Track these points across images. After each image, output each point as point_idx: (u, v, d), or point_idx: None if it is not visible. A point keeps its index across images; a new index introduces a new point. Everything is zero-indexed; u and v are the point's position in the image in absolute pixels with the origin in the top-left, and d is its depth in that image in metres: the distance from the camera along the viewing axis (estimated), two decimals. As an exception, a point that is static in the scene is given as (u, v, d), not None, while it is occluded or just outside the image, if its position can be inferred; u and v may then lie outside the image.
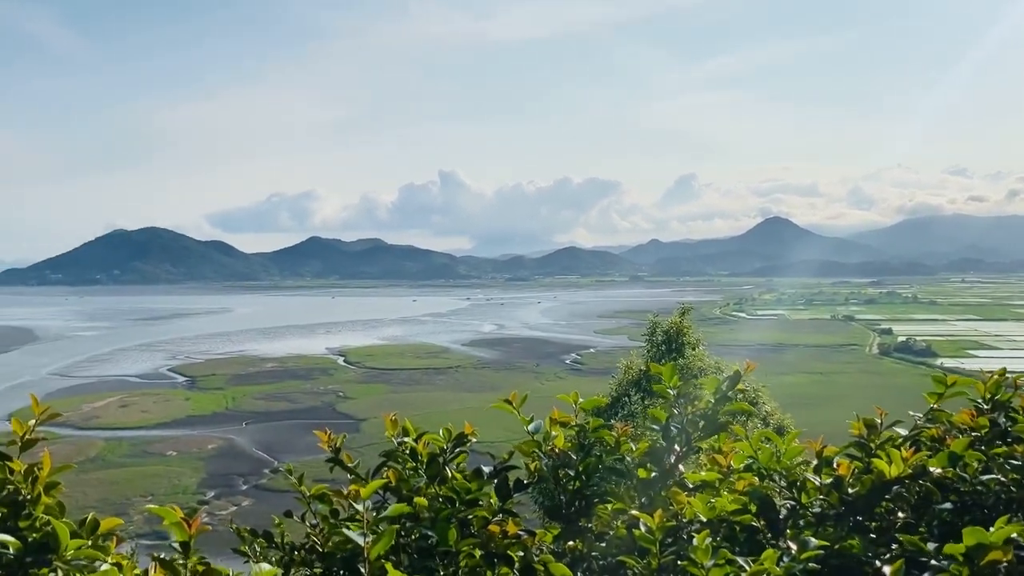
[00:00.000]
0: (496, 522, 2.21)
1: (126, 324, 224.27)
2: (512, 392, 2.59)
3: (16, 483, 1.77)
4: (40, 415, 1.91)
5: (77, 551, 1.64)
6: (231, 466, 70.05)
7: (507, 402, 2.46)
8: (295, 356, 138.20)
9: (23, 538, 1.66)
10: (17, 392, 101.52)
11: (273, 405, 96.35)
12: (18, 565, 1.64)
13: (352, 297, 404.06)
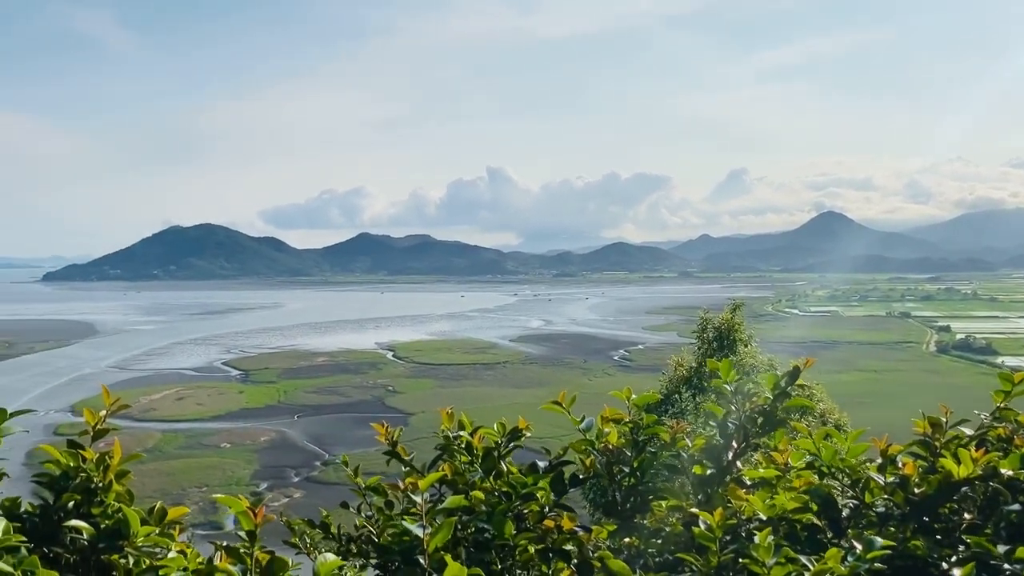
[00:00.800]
0: (551, 517, 2.21)
1: (182, 319, 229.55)
2: (561, 391, 2.59)
3: (88, 471, 1.83)
4: (111, 406, 1.96)
5: (146, 538, 1.68)
6: (283, 458, 71.27)
7: (556, 403, 2.46)
8: (345, 351, 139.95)
9: (96, 524, 1.72)
10: (79, 384, 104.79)
11: (324, 399, 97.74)
12: (91, 550, 1.69)
13: (401, 293, 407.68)
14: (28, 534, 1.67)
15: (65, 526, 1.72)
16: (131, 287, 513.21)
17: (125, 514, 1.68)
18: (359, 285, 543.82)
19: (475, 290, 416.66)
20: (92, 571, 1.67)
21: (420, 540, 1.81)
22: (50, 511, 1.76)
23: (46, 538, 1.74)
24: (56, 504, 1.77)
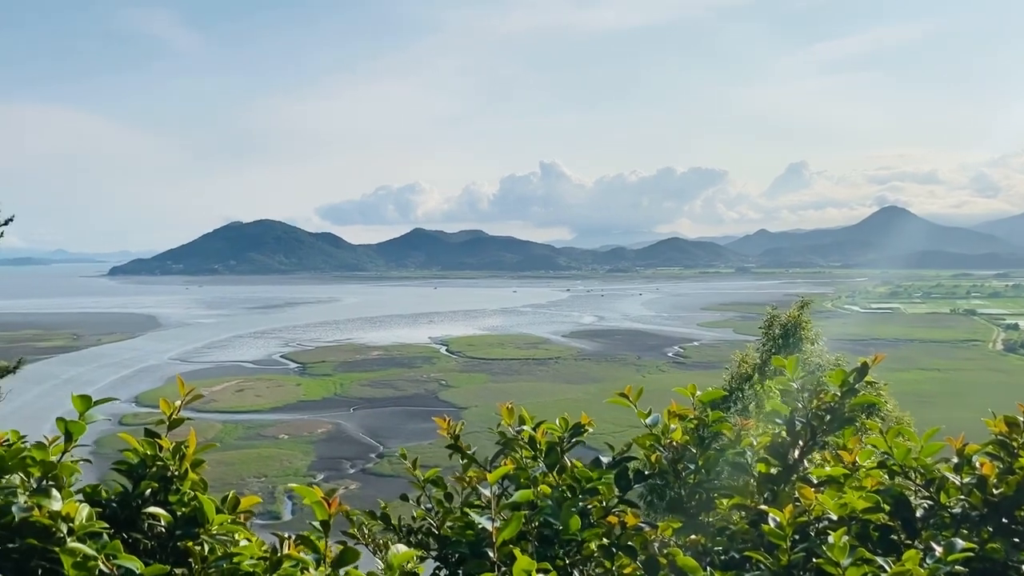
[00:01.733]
0: (616, 513, 2.20)
1: (242, 312, 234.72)
2: (621, 386, 2.57)
3: (165, 460, 1.88)
4: (185, 397, 2.01)
5: (221, 526, 1.72)
6: (339, 450, 72.42)
7: (623, 395, 2.44)
8: (399, 345, 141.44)
9: (172, 512, 1.76)
10: (144, 375, 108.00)
11: (378, 392, 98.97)
12: (168, 536, 1.74)
13: (454, 288, 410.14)
14: (108, 520, 1.73)
15: (144, 513, 1.78)
16: (193, 281, 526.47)
17: (201, 502, 1.72)
18: (413, 280, 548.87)
19: (527, 285, 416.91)
20: (169, 557, 1.71)
21: (488, 533, 1.81)
22: (129, 498, 1.82)
23: (125, 524, 1.80)
24: (135, 491, 1.83)
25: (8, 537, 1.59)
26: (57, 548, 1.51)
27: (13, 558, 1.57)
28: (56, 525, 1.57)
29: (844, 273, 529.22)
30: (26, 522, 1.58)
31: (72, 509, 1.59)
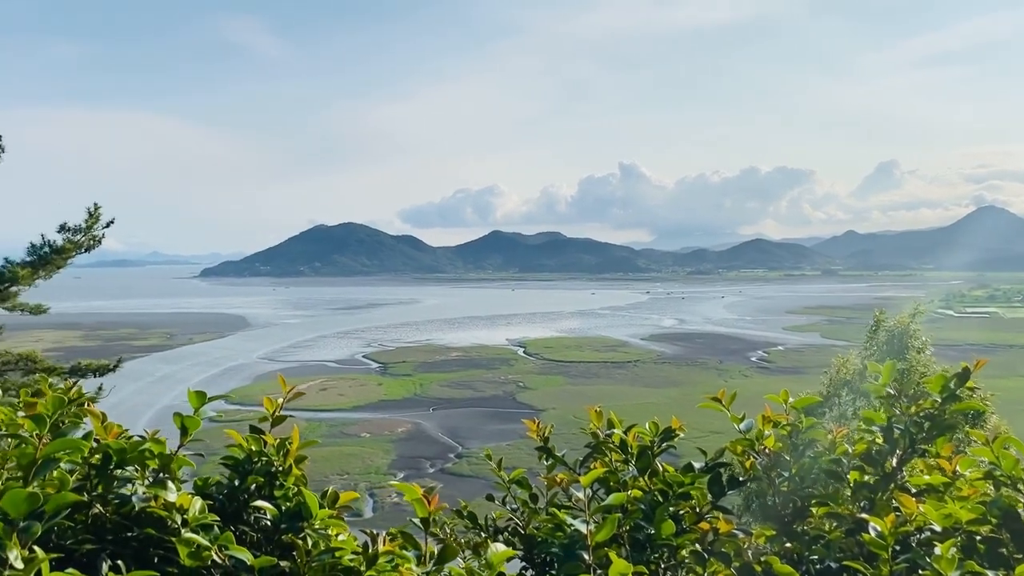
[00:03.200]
0: (708, 519, 2.18)
1: (326, 313, 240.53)
2: (711, 389, 2.54)
3: (270, 455, 1.96)
4: (287, 394, 2.09)
5: (324, 521, 1.78)
6: (419, 449, 73.38)
7: (715, 400, 2.41)
8: (478, 346, 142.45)
9: (277, 506, 1.84)
10: (233, 374, 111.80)
11: (457, 392, 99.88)
12: (273, 530, 1.81)
13: (531, 290, 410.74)
14: (216, 512, 1.81)
15: (251, 506, 1.86)
16: (279, 283, 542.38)
17: (305, 497, 1.78)
18: (491, 282, 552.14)
19: (606, 288, 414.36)
20: (275, 550, 1.78)
21: (580, 535, 1.82)
22: (236, 492, 1.90)
23: (232, 517, 1.88)
24: (241, 486, 1.91)
25: (127, 526, 1.68)
26: (174, 538, 1.59)
27: (132, 546, 1.66)
28: (171, 516, 1.66)
29: (937, 276, 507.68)
30: (144, 512, 1.67)
31: (186, 501, 1.67)
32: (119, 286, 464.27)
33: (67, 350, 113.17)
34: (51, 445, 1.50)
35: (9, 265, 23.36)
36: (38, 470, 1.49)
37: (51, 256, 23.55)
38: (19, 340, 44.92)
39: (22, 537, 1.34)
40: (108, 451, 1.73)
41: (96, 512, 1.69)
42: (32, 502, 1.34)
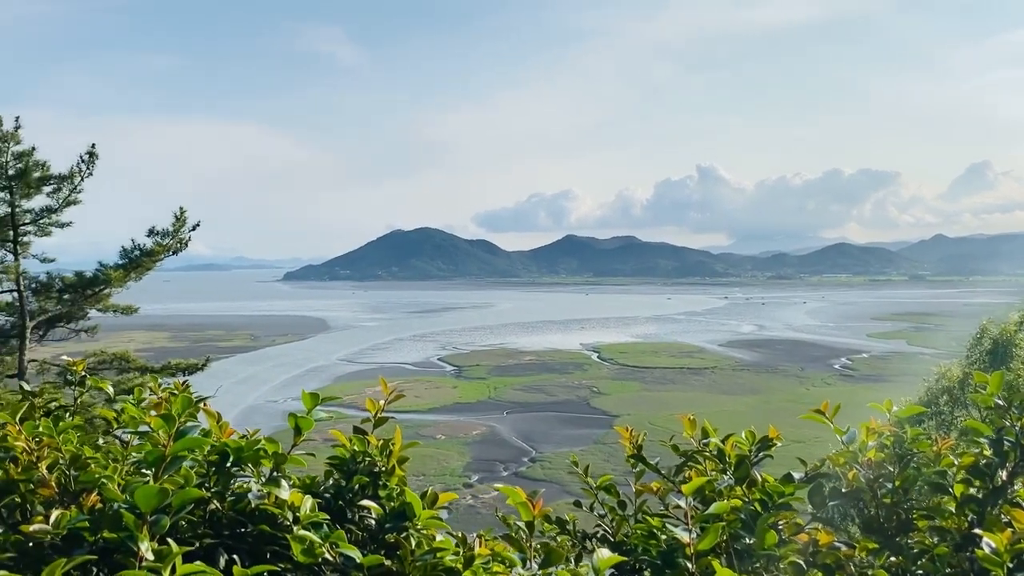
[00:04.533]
0: (808, 530, 2.13)
1: (402, 316, 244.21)
2: (778, 399, 2.50)
3: (373, 456, 2.01)
4: (389, 396, 2.14)
5: (426, 521, 1.82)
6: (493, 452, 73.72)
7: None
8: (551, 350, 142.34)
9: (382, 506, 1.88)
10: (314, 375, 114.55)
11: (531, 396, 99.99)
12: (378, 529, 1.86)
13: (606, 294, 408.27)
14: (323, 511, 1.86)
15: (356, 505, 1.91)
16: (358, 286, 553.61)
17: (409, 497, 1.82)
18: (564, 286, 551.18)
19: (682, 292, 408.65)
20: (379, 548, 1.83)
21: (678, 543, 1.81)
22: (343, 491, 1.95)
23: (337, 515, 1.94)
24: (348, 485, 1.96)
25: (242, 522, 1.75)
26: (288, 535, 1.65)
27: (247, 541, 1.73)
28: (283, 513, 1.72)
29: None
30: (258, 509, 1.74)
31: (297, 499, 1.73)
32: (205, 289, 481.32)
33: (156, 350, 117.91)
34: (179, 443, 1.59)
35: (103, 268, 24.51)
36: (167, 467, 1.58)
37: (141, 259, 24.59)
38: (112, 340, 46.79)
39: (152, 530, 1.40)
40: (226, 449, 1.81)
41: (213, 508, 1.76)
42: (162, 497, 1.40)
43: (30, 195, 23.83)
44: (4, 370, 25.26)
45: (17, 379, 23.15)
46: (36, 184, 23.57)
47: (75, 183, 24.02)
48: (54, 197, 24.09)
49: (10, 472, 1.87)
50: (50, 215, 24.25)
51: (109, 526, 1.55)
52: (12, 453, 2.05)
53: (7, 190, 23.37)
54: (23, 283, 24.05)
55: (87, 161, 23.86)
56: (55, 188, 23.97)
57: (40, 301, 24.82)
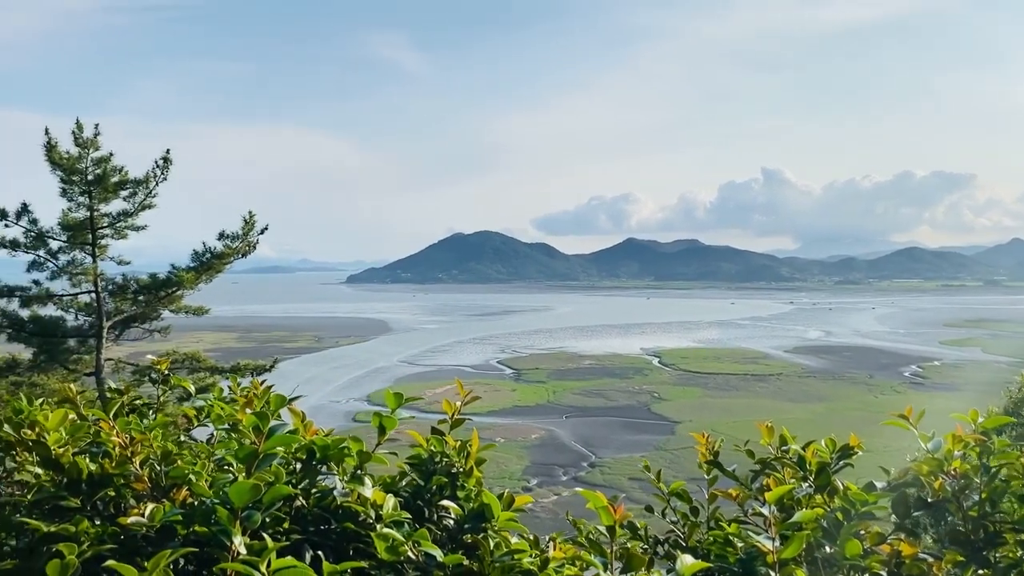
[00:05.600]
0: (892, 540, 2.08)
1: (462, 319, 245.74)
2: (846, 406, 2.43)
3: (451, 457, 2.03)
4: (465, 398, 2.16)
5: (505, 523, 1.83)
6: (552, 456, 73.52)
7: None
8: (611, 355, 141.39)
9: (461, 507, 1.90)
10: (376, 376, 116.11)
11: (590, 401, 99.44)
12: (457, 529, 1.88)
13: (667, 298, 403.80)
14: (403, 510, 1.90)
15: (435, 505, 1.94)
16: (419, 289, 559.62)
17: (487, 499, 1.84)
18: (625, 290, 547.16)
19: (746, 297, 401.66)
20: (457, 549, 1.85)
21: (759, 551, 1.79)
22: (421, 491, 1.98)
23: (416, 514, 1.97)
24: (427, 485, 1.99)
25: (326, 518, 1.80)
26: (372, 533, 1.68)
27: (332, 538, 1.77)
28: (366, 511, 1.76)
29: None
30: (341, 506, 1.78)
31: (380, 498, 1.77)
32: (271, 291, 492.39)
33: (224, 350, 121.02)
34: (271, 440, 1.64)
35: (175, 270, 25.34)
36: (259, 464, 1.63)
37: (212, 261, 25.35)
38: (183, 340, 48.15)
39: (244, 525, 1.45)
40: (313, 447, 1.86)
41: (298, 504, 1.81)
42: (254, 493, 1.45)
43: (108, 199, 24.80)
44: (82, 368, 26.31)
45: (95, 377, 24.09)
46: (113, 188, 24.51)
47: (150, 187, 24.89)
48: (130, 201, 25.01)
49: (105, 466, 1.96)
50: (126, 219, 25.18)
51: (201, 520, 1.60)
52: (104, 448, 2.13)
53: (86, 194, 24.35)
54: (100, 284, 25.01)
55: (162, 166, 24.72)
56: (131, 192, 24.89)
57: (116, 302, 25.79)
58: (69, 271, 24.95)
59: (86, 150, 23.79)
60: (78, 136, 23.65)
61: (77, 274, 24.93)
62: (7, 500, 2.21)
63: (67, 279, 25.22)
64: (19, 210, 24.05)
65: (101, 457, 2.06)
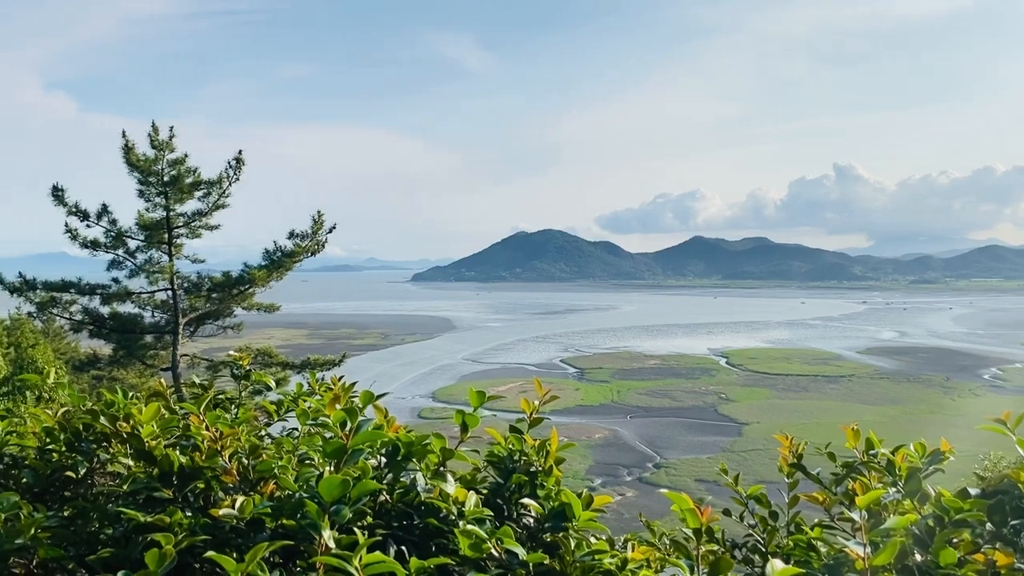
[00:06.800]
0: (986, 550, 2.00)
1: (525, 317, 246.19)
2: (922, 409, 2.33)
3: (529, 456, 2.03)
4: (543, 397, 2.16)
5: (586, 522, 1.82)
6: (616, 457, 73.04)
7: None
8: (677, 355, 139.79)
9: (541, 505, 1.90)
10: (440, 373, 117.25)
11: (655, 401, 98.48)
12: (537, 528, 1.88)
13: (735, 297, 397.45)
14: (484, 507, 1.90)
15: (518, 503, 1.94)
16: (483, 287, 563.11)
17: (568, 498, 1.83)
18: (691, 289, 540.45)
19: (817, 296, 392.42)
20: (537, 547, 1.85)
21: (846, 557, 1.74)
22: (500, 489, 1.99)
23: (495, 512, 1.97)
24: (507, 483, 1.99)
25: (409, 514, 1.82)
26: (455, 529, 1.70)
27: (415, 534, 1.79)
28: (448, 507, 1.77)
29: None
30: (424, 503, 1.79)
31: (461, 495, 1.78)
32: (339, 289, 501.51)
33: (294, 347, 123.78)
34: (360, 436, 1.67)
35: (248, 269, 26.01)
36: (347, 459, 1.66)
37: (283, 260, 25.94)
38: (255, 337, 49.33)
39: (332, 519, 1.48)
40: (397, 443, 1.88)
41: (382, 499, 1.83)
42: (344, 488, 1.47)
43: (183, 200, 25.58)
44: (159, 363, 27.24)
45: (171, 372, 24.90)
46: (188, 189, 25.28)
47: (223, 188, 25.58)
48: (204, 201, 25.76)
49: (196, 459, 2.02)
50: (200, 218, 25.94)
51: (289, 514, 1.64)
52: (193, 441, 2.20)
53: (163, 195, 25.17)
54: (176, 282, 25.84)
55: (234, 167, 25.38)
56: (205, 193, 25.62)
57: (191, 299, 26.60)
58: (146, 269, 25.82)
59: (162, 152, 24.60)
60: (154, 139, 24.46)
61: (154, 272, 25.78)
62: (102, 490, 2.30)
63: (145, 277, 26.09)
64: (99, 211, 24.99)
65: (190, 450, 2.12)
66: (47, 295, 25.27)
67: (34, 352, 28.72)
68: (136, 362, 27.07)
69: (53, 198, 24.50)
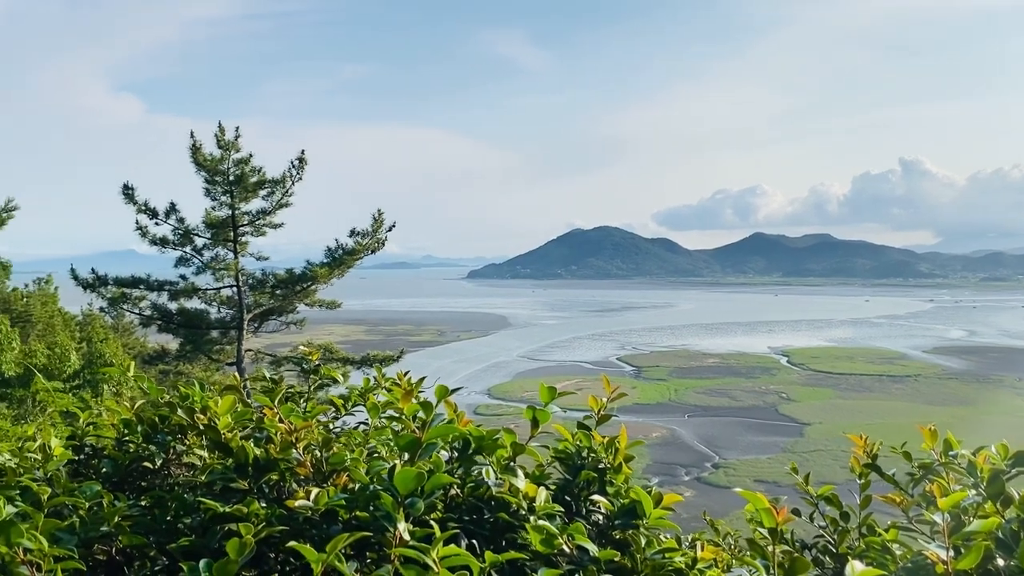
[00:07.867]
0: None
1: (581, 315, 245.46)
2: (986, 411, 2.24)
3: (598, 453, 2.03)
4: (612, 395, 2.15)
5: (656, 520, 1.81)
6: (673, 456, 72.30)
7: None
8: (736, 353, 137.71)
9: (611, 502, 1.90)
10: (496, 370, 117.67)
11: (713, 400, 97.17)
12: (607, 525, 1.88)
13: (796, 295, 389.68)
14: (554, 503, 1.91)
15: (588, 499, 1.94)
16: (538, 285, 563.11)
17: (638, 495, 1.83)
18: (751, 287, 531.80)
19: (882, 294, 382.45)
20: (607, 544, 1.85)
21: (925, 559, 1.69)
22: (569, 485, 1.99)
23: (565, 508, 1.97)
24: (575, 480, 2.00)
25: (479, 508, 1.83)
26: (526, 524, 1.70)
27: (486, 528, 1.80)
28: (519, 502, 1.78)
29: None
30: (495, 497, 1.80)
31: (532, 490, 1.78)
32: (397, 286, 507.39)
33: (354, 343, 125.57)
34: (434, 430, 1.69)
35: (310, 266, 26.51)
36: (422, 452, 1.68)
37: (344, 257, 26.36)
38: (316, 333, 50.05)
39: (407, 511, 1.50)
40: (468, 438, 1.90)
41: (453, 493, 1.85)
42: (418, 481, 1.49)
43: (248, 198, 26.17)
44: (224, 358, 27.95)
45: (236, 367, 25.51)
46: (253, 188, 25.86)
47: (287, 187, 26.10)
48: (268, 200, 26.32)
49: (270, 451, 2.06)
50: (265, 217, 26.52)
51: (363, 506, 1.66)
52: (267, 433, 2.25)
53: (228, 194, 25.79)
54: (241, 279, 26.46)
55: (297, 167, 25.88)
56: (269, 192, 26.18)
57: (255, 296, 27.22)
58: (213, 267, 26.50)
59: (228, 152, 25.21)
60: (220, 139, 25.08)
61: (220, 269, 26.44)
62: (180, 481, 2.37)
63: (211, 274, 26.78)
64: (167, 209, 25.73)
65: (264, 442, 2.17)
66: (118, 291, 26.10)
67: (104, 347, 29.74)
68: (202, 357, 27.79)
69: (124, 197, 25.29)
